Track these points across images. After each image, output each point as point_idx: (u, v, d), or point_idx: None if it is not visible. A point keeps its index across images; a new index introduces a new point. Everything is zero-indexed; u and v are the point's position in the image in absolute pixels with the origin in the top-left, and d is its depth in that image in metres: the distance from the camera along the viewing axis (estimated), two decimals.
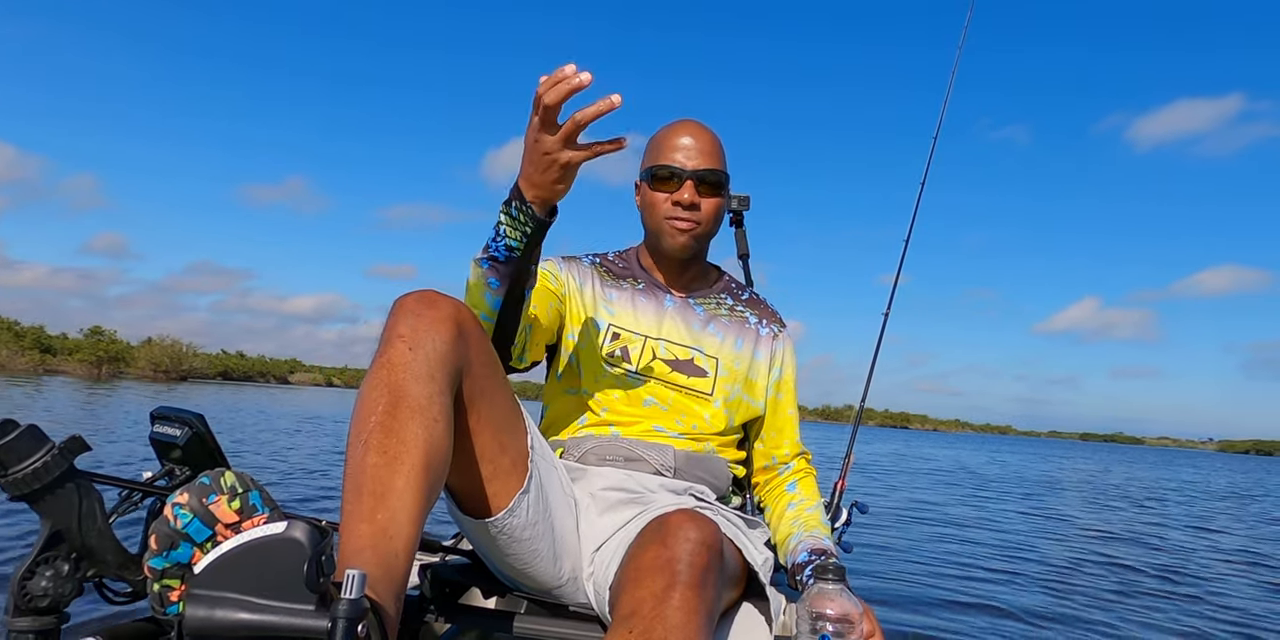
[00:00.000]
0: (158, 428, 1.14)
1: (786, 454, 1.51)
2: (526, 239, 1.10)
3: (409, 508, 0.84)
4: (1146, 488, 15.43)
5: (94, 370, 47.13)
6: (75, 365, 47.03)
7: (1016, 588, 4.39)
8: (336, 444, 10.15)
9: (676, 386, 1.39)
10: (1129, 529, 7.79)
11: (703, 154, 1.37)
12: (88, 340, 51.72)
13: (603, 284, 1.46)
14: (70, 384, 26.44)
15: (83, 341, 51.43)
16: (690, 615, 0.86)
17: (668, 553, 0.92)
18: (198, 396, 23.85)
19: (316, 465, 7.75)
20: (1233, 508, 11.81)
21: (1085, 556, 5.71)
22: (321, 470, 7.30)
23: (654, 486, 1.29)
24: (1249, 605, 4.41)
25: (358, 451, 0.87)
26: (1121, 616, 3.89)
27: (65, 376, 38.03)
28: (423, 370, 0.92)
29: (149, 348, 54.23)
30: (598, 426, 1.37)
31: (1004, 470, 17.64)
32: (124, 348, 52.56)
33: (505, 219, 1.10)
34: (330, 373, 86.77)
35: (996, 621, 3.61)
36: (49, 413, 11.78)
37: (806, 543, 1.32)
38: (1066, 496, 11.54)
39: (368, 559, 0.79)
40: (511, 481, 1.09)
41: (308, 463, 7.89)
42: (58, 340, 50.62)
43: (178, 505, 0.88)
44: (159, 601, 0.88)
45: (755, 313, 1.52)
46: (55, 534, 0.91)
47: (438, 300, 0.98)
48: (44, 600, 0.90)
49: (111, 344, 51.85)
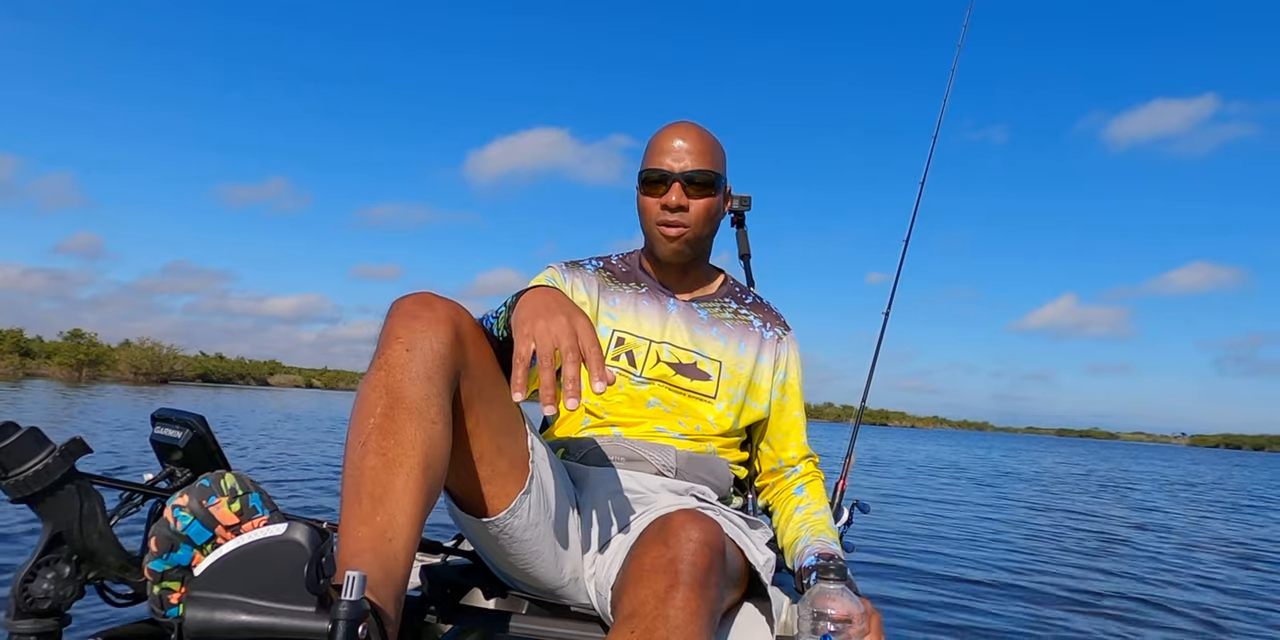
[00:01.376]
0: (159, 430, 1.14)
1: (793, 457, 1.50)
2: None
3: (408, 509, 0.84)
4: (1109, 478, 17.63)
5: (74, 373, 46.74)
6: (55, 368, 46.64)
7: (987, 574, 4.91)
8: (319, 442, 10.20)
9: (680, 390, 1.39)
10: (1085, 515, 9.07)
11: (691, 155, 1.36)
12: (67, 343, 51.27)
13: (606, 288, 1.46)
14: (51, 387, 26.36)
15: (63, 344, 50.99)
16: (692, 615, 0.86)
17: (670, 553, 0.92)
18: (183, 400, 23.75)
19: (314, 464, 7.75)
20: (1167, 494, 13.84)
21: (1053, 544, 6.49)
22: (320, 470, 7.30)
23: (656, 487, 1.29)
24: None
25: (356, 453, 0.87)
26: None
27: (45, 380, 37.83)
28: (420, 372, 0.91)
29: (129, 350, 53.88)
30: (600, 427, 1.36)
31: (979, 464, 19.47)
32: (104, 350, 52.19)
33: (504, 311, 1.08)
34: (310, 374, 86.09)
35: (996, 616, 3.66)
36: (29, 418, 11.80)
37: (814, 547, 1.32)
38: (1023, 488, 12.89)
39: (367, 561, 0.79)
40: (511, 482, 1.09)
41: (306, 460, 7.90)
42: (35, 343, 50.09)
43: (178, 507, 0.88)
44: (159, 604, 0.87)
45: (759, 316, 1.52)
46: (56, 536, 0.91)
47: (435, 302, 0.98)
48: (45, 602, 0.90)
49: (92, 347, 51.46)
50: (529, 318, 0.96)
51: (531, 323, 0.95)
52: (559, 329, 0.93)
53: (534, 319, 0.96)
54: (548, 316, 0.95)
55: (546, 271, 1.47)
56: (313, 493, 5.93)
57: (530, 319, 0.96)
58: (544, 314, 0.96)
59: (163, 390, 33.51)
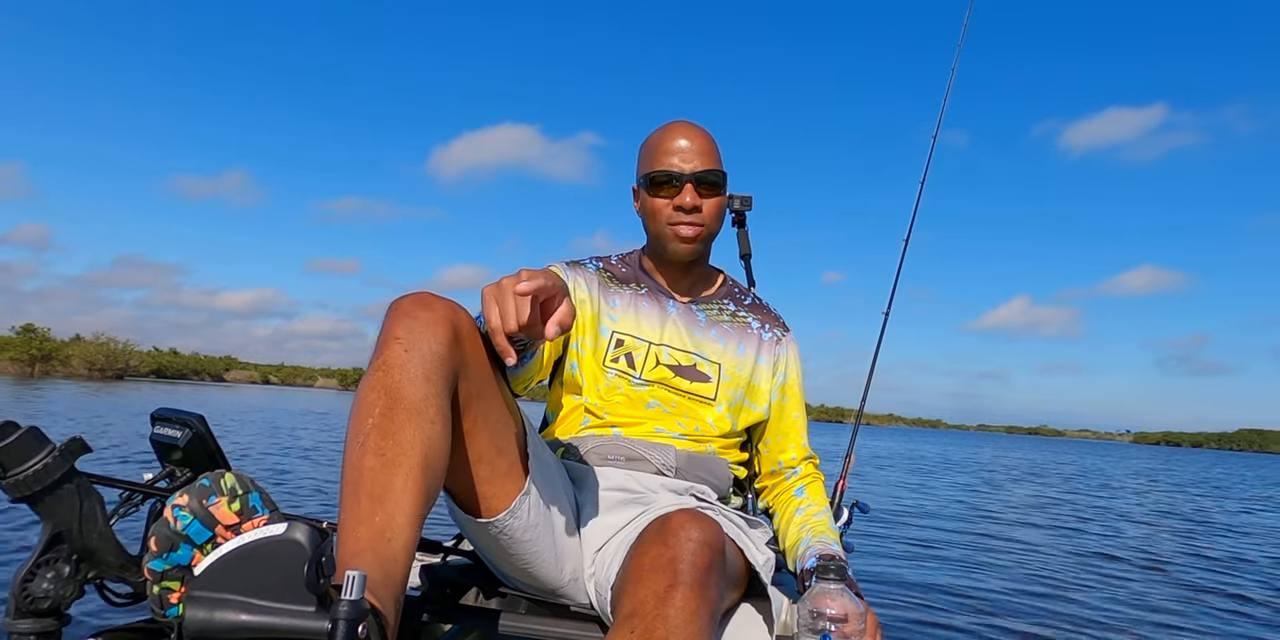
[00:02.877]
0: (158, 429, 1.14)
1: (793, 458, 1.50)
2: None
3: (407, 510, 0.84)
4: (1032, 470, 19.57)
5: (26, 369, 45.64)
6: (5, 364, 45.28)
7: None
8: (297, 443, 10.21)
9: (680, 391, 1.39)
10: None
11: (699, 155, 1.37)
12: (20, 338, 50.07)
13: (606, 289, 1.46)
14: (2, 383, 26.00)
15: (14, 339, 49.78)
16: (692, 615, 0.86)
17: (670, 553, 0.92)
18: (137, 396, 23.26)
19: (315, 464, 7.74)
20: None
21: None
22: (321, 470, 7.29)
23: (655, 486, 1.29)
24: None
25: (355, 454, 0.87)
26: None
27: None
28: (419, 372, 0.91)
29: (83, 345, 52.66)
30: (600, 427, 1.36)
31: (930, 457, 21.99)
32: (57, 345, 51.03)
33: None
34: (267, 370, 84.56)
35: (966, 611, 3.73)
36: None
37: (815, 548, 1.32)
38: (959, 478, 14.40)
39: (366, 561, 0.79)
40: (510, 483, 1.09)
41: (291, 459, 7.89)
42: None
43: (178, 507, 0.88)
44: (159, 603, 0.87)
45: (758, 318, 1.52)
46: (56, 536, 0.91)
47: (433, 302, 0.98)
48: (45, 602, 0.90)
49: (45, 342, 50.32)
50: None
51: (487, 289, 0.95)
52: (505, 280, 0.94)
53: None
54: (500, 279, 0.96)
55: (548, 270, 1.47)
56: (313, 491, 5.93)
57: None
58: (499, 279, 0.96)
59: (117, 386, 32.75)
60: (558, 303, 0.95)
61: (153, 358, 65.44)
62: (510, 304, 0.91)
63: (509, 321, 0.91)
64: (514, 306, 0.91)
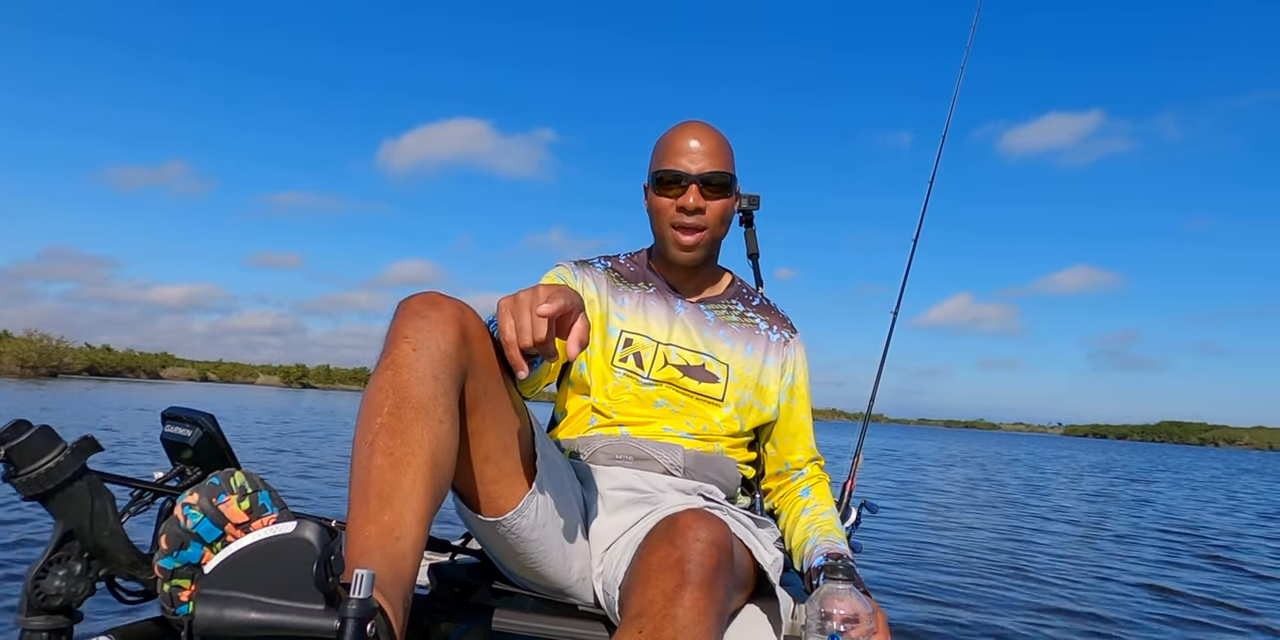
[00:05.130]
0: (169, 428, 1.15)
1: (800, 460, 1.49)
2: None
3: (415, 508, 0.84)
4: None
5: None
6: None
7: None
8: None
9: (688, 391, 1.38)
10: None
11: (707, 156, 1.36)
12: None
13: (614, 289, 1.45)
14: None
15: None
16: (700, 615, 0.85)
17: (677, 552, 0.92)
18: (76, 394, 22.55)
19: (315, 462, 7.76)
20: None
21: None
22: (328, 469, 7.32)
23: (663, 486, 1.29)
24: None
25: (363, 453, 0.87)
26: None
27: None
28: (427, 371, 0.91)
29: (15, 342, 51.10)
30: (607, 427, 1.36)
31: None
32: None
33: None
34: (205, 367, 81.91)
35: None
36: None
37: (822, 547, 1.32)
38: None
39: (375, 559, 0.79)
40: (518, 482, 1.09)
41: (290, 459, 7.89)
42: None
43: (188, 505, 0.88)
44: (169, 601, 0.88)
45: (766, 319, 1.51)
46: (68, 533, 0.92)
47: (441, 301, 0.98)
48: (57, 599, 0.91)
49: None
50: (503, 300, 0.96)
51: (504, 301, 0.95)
52: (523, 294, 0.93)
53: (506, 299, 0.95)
54: (518, 293, 0.95)
55: (556, 270, 1.46)
56: (320, 488, 5.95)
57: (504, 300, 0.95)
58: (517, 293, 0.95)
59: (52, 384, 31.99)
60: (573, 319, 0.94)
61: (86, 354, 63.04)
62: (527, 320, 0.91)
63: (524, 337, 0.90)
64: (530, 323, 0.90)
